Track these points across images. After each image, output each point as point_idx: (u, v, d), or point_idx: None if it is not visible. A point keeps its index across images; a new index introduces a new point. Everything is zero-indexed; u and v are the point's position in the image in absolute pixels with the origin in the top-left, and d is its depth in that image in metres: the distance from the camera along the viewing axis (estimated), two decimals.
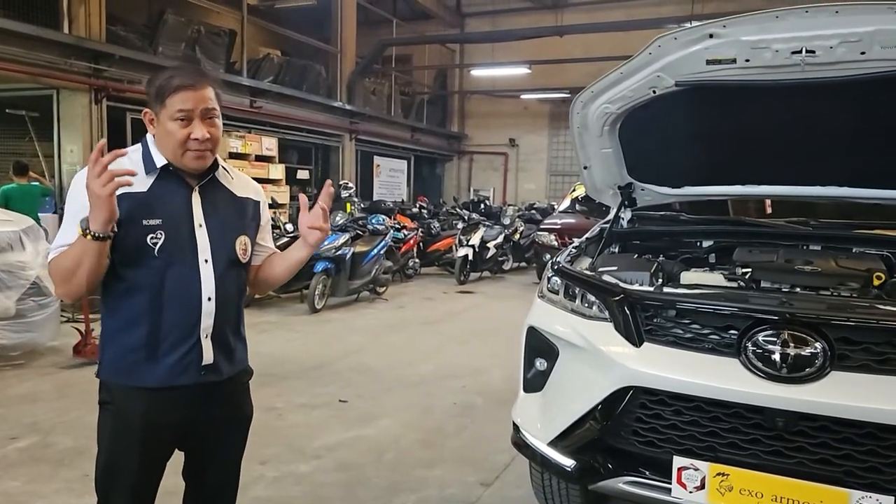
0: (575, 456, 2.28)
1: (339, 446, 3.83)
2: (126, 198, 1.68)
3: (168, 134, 1.73)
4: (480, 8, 17.84)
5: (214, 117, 1.76)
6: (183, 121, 1.71)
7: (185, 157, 1.74)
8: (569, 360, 2.39)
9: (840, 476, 1.91)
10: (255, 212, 1.95)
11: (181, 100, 1.71)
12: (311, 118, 12.65)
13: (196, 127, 1.72)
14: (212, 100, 1.76)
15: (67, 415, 4.19)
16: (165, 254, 1.71)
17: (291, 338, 6.52)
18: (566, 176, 17.56)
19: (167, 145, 1.75)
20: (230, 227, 1.85)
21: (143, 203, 1.71)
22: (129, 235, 1.70)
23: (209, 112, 1.74)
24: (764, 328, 2.02)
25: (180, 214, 1.76)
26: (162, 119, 1.74)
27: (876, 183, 2.74)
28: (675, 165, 3.02)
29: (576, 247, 3.01)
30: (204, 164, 1.77)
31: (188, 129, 1.72)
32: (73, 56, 8.13)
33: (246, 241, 1.88)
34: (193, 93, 1.72)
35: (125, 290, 1.73)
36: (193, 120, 1.72)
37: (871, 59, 2.16)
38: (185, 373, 1.77)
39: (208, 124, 1.74)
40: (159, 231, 1.71)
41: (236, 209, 1.89)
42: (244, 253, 1.88)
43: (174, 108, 1.71)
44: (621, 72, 2.53)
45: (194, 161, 1.75)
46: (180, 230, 1.75)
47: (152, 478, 1.85)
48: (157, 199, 1.73)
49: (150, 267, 1.71)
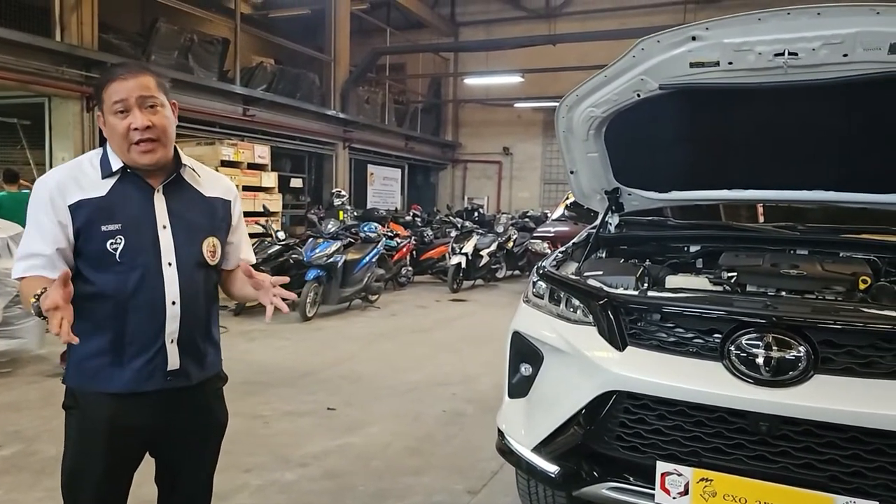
0: (559, 462, 2.25)
1: (325, 454, 3.79)
2: (85, 204, 1.67)
3: (112, 129, 1.70)
4: (474, 17, 17.91)
5: (156, 105, 1.70)
6: (122, 112, 1.68)
7: (132, 153, 1.69)
8: (553, 364, 2.36)
9: (824, 481, 1.89)
10: (225, 212, 1.89)
11: (114, 90, 1.68)
12: (305, 126, 12.65)
13: (135, 115, 1.67)
14: (150, 88, 1.70)
15: (52, 423, 4.13)
16: (127, 258, 1.69)
17: (281, 346, 6.47)
18: (560, 184, 17.57)
19: (115, 143, 1.71)
20: (197, 228, 1.80)
21: (102, 208, 1.69)
22: (89, 242, 1.68)
23: (147, 100, 1.68)
24: (748, 331, 2.01)
25: (141, 217, 1.73)
26: (106, 117, 1.71)
27: (862, 187, 2.73)
28: (662, 169, 3.00)
29: (562, 252, 2.99)
30: (154, 159, 1.71)
31: (127, 120, 1.67)
32: (65, 64, 8.12)
33: (215, 242, 1.84)
34: (126, 82, 1.68)
35: (90, 296, 1.70)
36: (131, 109, 1.67)
37: (853, 60, 2.15)
38: (151, 378, 1.74)
39: (149, 112, 1.69)
40: (119, 236, 1.68)
41: (204, 210, 1.84)
42: (213, 255, 1.83)
43: (110, 101, 1.68)
44: (605, 75, 2.53)
45: (142, 156, 1.70)
46: (141, 233, 1.72)
47: (119, 485, 1.82)
48: (115, 204, 1.70)
49: (113, 272, 1.69)
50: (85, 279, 1.69)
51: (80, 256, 1.70)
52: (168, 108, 1.75)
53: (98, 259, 1.68)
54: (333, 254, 7.90)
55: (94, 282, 1.69)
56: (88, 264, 1.70)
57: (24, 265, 1.68)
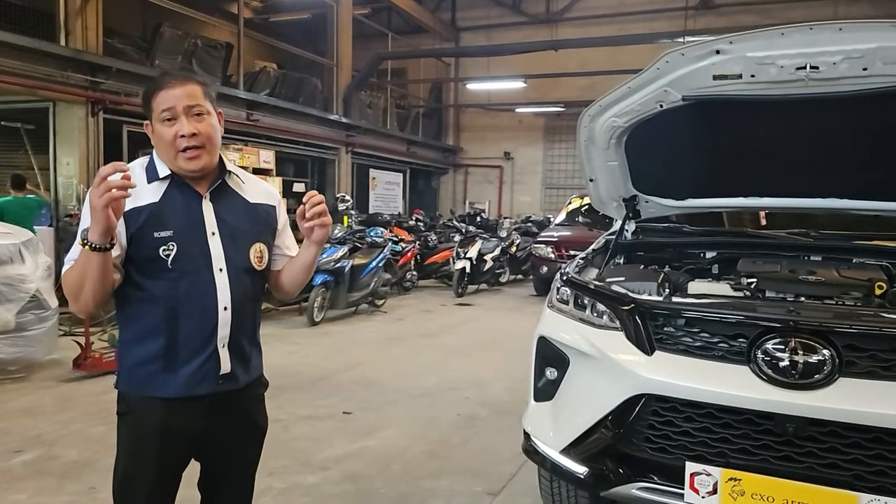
0: (588, 463, 2.31)
1: (345, 458, 3.85)
2: (136, 211, 1.69)
3: (160, 138, 1.74)
4: (475, 22, 18.01)
5: (203, 114, 1.74)
6: (169, 120, 1.72)
7: (179, 159, 1.73)
8: (580, 368, 2.43)
9: (849, 480, 1.95)
10: (269, 216, 1.92)
11: (163, 99, 1.72)
12: (308, 131, 12.70)
13: (182, 123, 1.71)
14: (196, 96, 1.74)
15: (70, 427, 4.19)
16: (179, 265, 1.71)
17: (292, 350, 6.52)
18: (561, 189, 17.67)
19: (162, 150, 1.75)
20: (244, 234, 1.83)
21: (154, 215, 1.71)
22: (141, 248, 1.70)
23: (194, 108, 1.73)
24: (773, 336, 2.07)
25: (192, 224, 1.76)
26: (154, 125, 1.74)
27: (876, 195, 2.81)
28: (680, 178, 3.08)
29: (583, 258, 3.05)
30: (200, 165, 1.75)
31: (175, 128, 1.71)
32: (70, 69, 8.15)
33: (262, 248, 1.87)
34: (173, 90, 1.72)
35: (141, 302, 1.73)
36: (179, 118, 1.71)
37: (872, 74, 2.23)
38: (203, 382, 1.77)
39: (196, 121, 1.72)
40: (171, 242, 1.71)
41: (249, 216, 1.87)
42: (259, 261, 1.86)
43: (159, 109, 1.72)
44: (629, 86, 2.60)
45: (188, 162, 1.73)
46: (193, 240, 1.75)
47: (169, 488, 1.86)
48: (167, 210, 1.73)
49: (165, 278, 1.71)
50: (137, 285, 1.72)
51: (132, 262, 1.72)
52: (214, 116, 1.78)
53: (150, 265, 1.71)
54: (341, 259, 7.95)
55: (147, 288, 1.72)
56: (140, 270, 1.72)
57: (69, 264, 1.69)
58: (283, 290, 1.99)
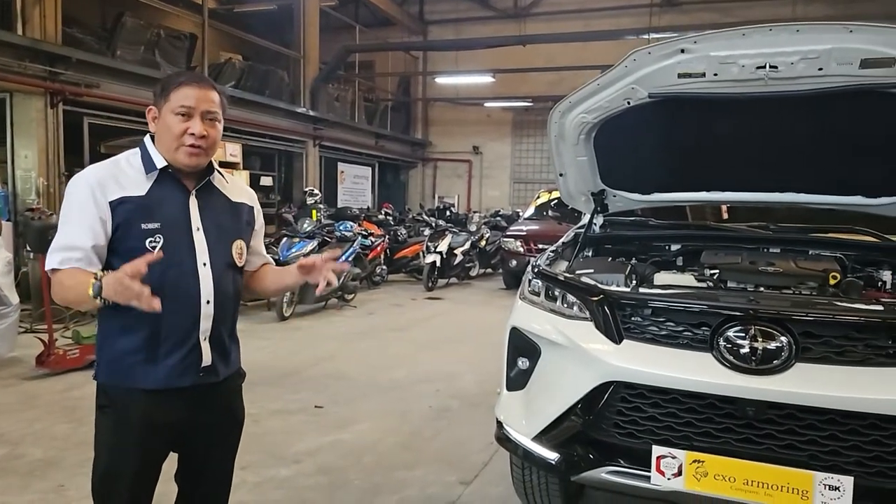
0: (559, 449, 2.38)
1: (318, 451, 3.87)
2: (126, 201, 1.73)
3: (167, 128, 1.78)
4: (443, 16, 18.01)
5: (215, 120, 1.83)
6: (183, 115, 1.77)
7: (179, 153, 1.78)
8: (551, 358, 2.49)
9: (805, 460, 2.06)
10: (249, 217, 2.00)
11: (184, 95, 1.77)
12: (275, 124, 12.58)
13: (195, 123, 1.77)
14: (215, 103, 1.82)
15: (34, 426, 4.12)
16: (165, 257, 1.73)
17: (261, 345, 6.49)
18: (529, 183, 17.84)
19: (164, 140, 1.79)
20: (227, 231, 1.90)
21: (142, 207, 1.75)
22: (127, 238, 1.74)
23: (210, 113, 1.80)
24: (734, 324, 2.17)
25: (178, 218, 1.80)
26: (163, 113, 1.79)
27: (830, 190, 2.94)
28: (646, 173, 3.16)
29: (553, 251, 3.13)
30: (197, 162, 1.81)
31: (187, 124, 1.77)
32: (28, 58, 7.93)
33: (242, 245, 1.94)
34: (197, 91, 1.78)
35: None
36: (194, 117, 1.77)
37: (827, 74, 2.34)
38: (185, 374, 1.81)
39: (208, 125, 1.80)
40: (158, 234, 1.75)
41: (232, 214, 1.94)
42: (240, 257, 1.93)
43: (177, 102, 1.77)
44: (598, 83, 2.67)
45: (188, 157, 1.79)
46: (179, 233, 1.79)
47: (150, 480, 1.88)
48: (155, 203, 1.77)
49: (150, 271, 1.69)
50: None
51: (117, 254, 1.74)
52: (222, 124, 1.86)
53: (135, 256, 1.69)
54: (310, 253, 7.92)
55: None
56: (125, 262, 1.70)
57: (60, 256, 1.72)
58: (253, 290, 2.09)
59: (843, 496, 1.99)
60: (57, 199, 7.93)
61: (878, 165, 2.81)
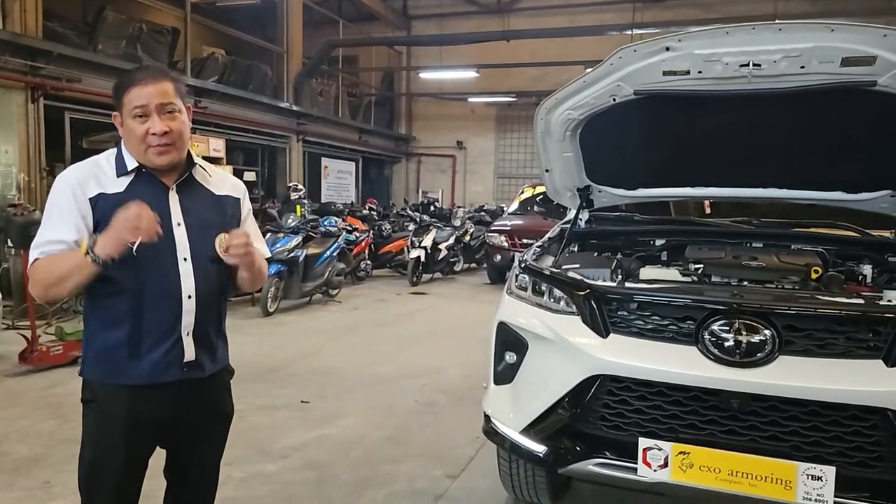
0: (546, 442, 2.41)
1: (304, 446, 3.87)
2: (103, 198, 1.73)
3: (129, 132, 1.76)
4: (427, 11, 17.97)
5: (174, 111, 1.77)
6: (140, 117, 1.74)
7: (149, 154, 1.76)
8: (538, 352, 2.52)
9: (788, 450, 2.10)
10: (234, 209, 1.97)
11: (135, 96, 1.74)
12: (258, 119, 12.50)
13: (153, 121, 1.74)
14: (169, 94, 1.76)
15: (18, 423, 4.09)
16: (144, 254, 1.72)
17: (246, 341, 6.45)
18: (513, 178, 17.90)
19: (131, 143, 1.78)
20: (210, 225, 1.87)
21: (120, 203, 1.72)
22: None
23: (166, 106, 1.75)
24: (718, 318, 2.20)
25: (157, 214, 1.75)
26: (124, 118, 1.77)
27: (812, 185, 2.99)
28: (631, 168, 3.20)
29: (539, 246, 3.15)
30: (168, 159, 1.78)
31: (146, 125, 1.74)
32: (8, 53, 7.82)
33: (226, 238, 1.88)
34: (147, 88, 1.74)
35: (106, 291, 1.76)
36: (151, 115, 1.74)
37: (809, 72, 2.38)
38: (168, 370, 1.80)
39: (168, 118, 1.75)
40: None
41: (216, 207, 1.91)
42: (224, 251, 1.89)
43: (130, 105, 1.75)
44: (584, 80, 2.69)
45: (158, 157, 1.77)
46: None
47: (136, 474, 1.87)
48: (133, 200, 1.73)
49: (130, 267, 1.73)
50: (100, 276, 1.72)
51: None
52: (184, 112, 1.82)
53: None
54: (294, 248, 7.90)
55: (111, 277, 1.73)
56: None
57: (42, 249, 1.73)
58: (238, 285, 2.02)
59: (826, 486, 2.04)
60: (38, 195, 7.83)
61: (859, 162, 2.87)
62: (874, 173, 2.87)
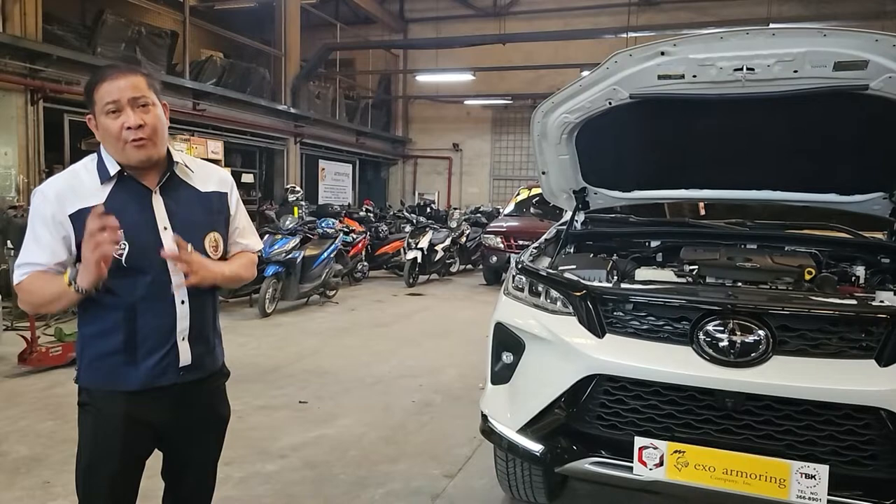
0: (543, 441, 2.44)
1: (303, 446, 3.89)
2: (85, 213, 1.66)
3: (105, 130, 1.71)
4: (423, 14, 18.02)
5: (148, 104, 1.72)
6: (114, 112, 1.69)
7: (127, 150, 1.71)
8: (535, 352, 2.54)
9: (782, 449, 2.13)
10: (221, 204, 1.91)
11: (106, 91, 1.69)
12: (256, 121, 12.53)
13: (127, 115, 1.69)
14: (141, 88, 1.72)
15: (18, 423, 4.10)
16: (133, 262, 1.71)
17: (243, 342, 6.48)
18: (509, 180, 17.95)
19: (109, 143, 1.73)
20: (197, 226, 1.82)
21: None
22: None
23: (139, 100, 1.71)
24: (713, 318, 2.23)
25: (141, 220, 1.75)
26: (98, 118, 1.72)
27: (805, 187, 3.03)
28: (627, 171, 3.24)
29: (536, 247, 3.18)
30: (147, 154, 1.73)
31: (120, 120, 1.69)
32: (8, 55, 7.84)
33: (216, 237, 1.87)
34: (116, 82, 1.69)
35: (99, 301, 1.72)
36: (124, 109, 1.69)
37: (802, 76, 2.42)
38: (164, 374, 1.79)
39: (141, 112, 1.71)
40: (122, 242, 1.68)
41: (203, 206, 1.86)
42: (215, 250, 1.86)
43: (102, 101, 1.70)
44: (580, 84, 2.73)
45: (136, 152, 1.71)
46: (144, 237, 1.74)
47: (133, 476, 1.86)
48: (115, 210, 1.68)
49: (120, 277, 1.70)
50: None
51: None
52: (159, 107, 1.77)
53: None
54: (292, 250, 7.92)
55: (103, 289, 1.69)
56: None
57: (22, 271, 1.72)
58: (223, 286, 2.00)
59: (819, 484, 2.06)
60: None
61: (852, 164, 2.90)
62: (867, 176, 2.91)
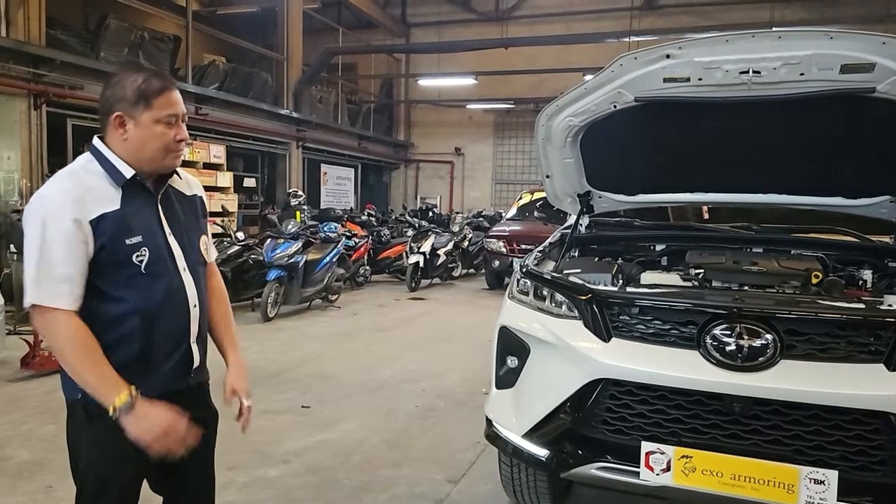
0: (548, 446, 2.42)
1: (305, 450, 3.88)
2: (105, 218, 1.63)
3: (154, 137, 1.69)
4: (425, 18, 18.02)
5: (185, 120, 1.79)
6: (170, 124, 1.71)
7: (167, 159, 1.73)
8: (540, 356, 2.53)
9: (790, 454, 2.11)
10: (202, 209, 1.95)
11: (169, 101, 1.69)
12: (258, 126, 12.54)
13: (181, 129, 1.73)
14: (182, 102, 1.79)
15: (21, 427, 4.09)
16: (152, 269, 1.69)
17: (246, 346, 6.46)
18: (511, 184, 17.93)
19: (149, 148, 1.70)
20: (192, 229, 1.85)
21: (120, 222, 1.66)
22: (114, 256, 1.66)
23: (184, 115, 1.77)
24: (720, 322, 2.22)
25: (154, 226, 1.74)
26: (143, 121, 1.68)
27: (811, 191, 3.01)
28: (631, 174, 3.22)
29: (541, 251, 3.17)
30: (178, 163, 1.79)
31: (174, 131, 1.71)
32: (12, 60, 7.86)
33: (206, 240, 1.90)
34: (175, 94, 1.73)
35: (114, 311, 1.69)
36: (179, 123, 1.73)
37: (809, 79, 2.40)
38: (178, 378, 1.80)
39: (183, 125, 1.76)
40: (143, 248, 1.68)
41: (191, 210, 1.88)
42: (206, 252, 1.91)
43: (163, 111, 1.68)
44: (585, 87, 2.72)
45: (174, 160, 1.76)
46: (158, 242, 1.73)
47: (139, 487, 1.85)
48: (131, 215, 1.68)
49: (138, 285, 1.68)
50: (107, 296, 1.67)
51: (104, 274, 1.66)
52: None
53: (121, 272, 1.67)
54: (294, 254, 7.91)
55: (119, 297, 1.68)
56: (110, 280, 1.67)
57: (47, 290, 1.60)
58: None
59: (828, 490, 2.04)
60: None
61: (858, 167, 2.88)
62: (873, 179, 2.89)
